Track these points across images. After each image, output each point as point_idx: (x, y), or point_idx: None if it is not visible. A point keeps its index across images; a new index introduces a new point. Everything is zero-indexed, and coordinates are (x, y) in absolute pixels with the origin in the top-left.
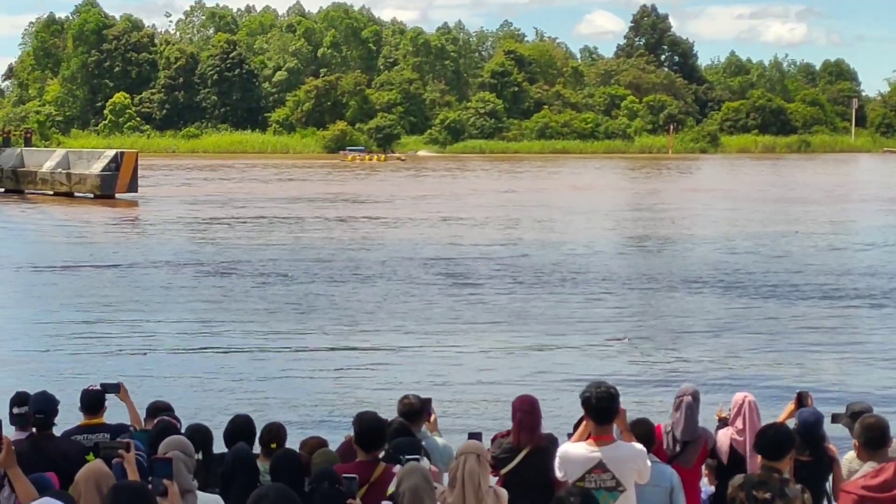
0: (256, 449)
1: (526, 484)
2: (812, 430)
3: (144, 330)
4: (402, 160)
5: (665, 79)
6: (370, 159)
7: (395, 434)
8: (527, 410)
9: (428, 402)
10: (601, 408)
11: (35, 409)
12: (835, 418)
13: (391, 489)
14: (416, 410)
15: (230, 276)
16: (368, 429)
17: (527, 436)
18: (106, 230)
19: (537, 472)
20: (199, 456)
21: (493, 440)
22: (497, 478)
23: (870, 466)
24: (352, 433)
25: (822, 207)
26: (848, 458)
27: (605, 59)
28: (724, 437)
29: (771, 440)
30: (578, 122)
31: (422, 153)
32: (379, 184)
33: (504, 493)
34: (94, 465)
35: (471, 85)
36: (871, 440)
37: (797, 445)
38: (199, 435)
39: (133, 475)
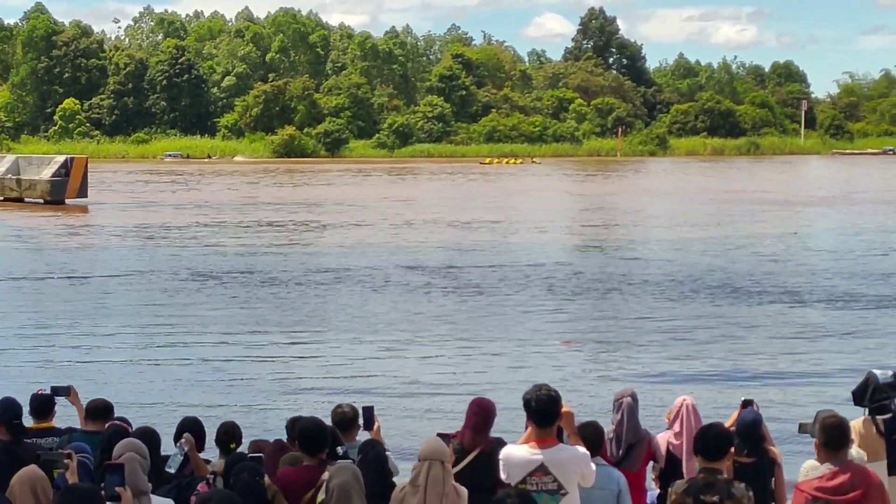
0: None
1: (473, 485)
2: (749, 428)
3: (98, 335)
4: (537, 163)
5: (613, 81)
6: (506, 162)
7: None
8: (480, 414)
9: (370, 409)
10: (542, 410)
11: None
12: (802, 428)
13: (320, 496)
14: (349, 419)
15: (186, 281)
16: (309, 432)
17: (478, 437)
18: (56, 237)
19: (484, 475)
20: (147, 459)
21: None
22: None
23: (827, 468)
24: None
25: (790, 209)
26: (806, 467)
27: (553, 63)
28: (661, 441)
29: (712, 440)
30: (526, 126)
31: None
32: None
33: (464, 490)
34: (30, 469)
35: (419, 89)
36: (831, 440)
37: (735, 446)
38: (147, 437)
39: (74, 480)
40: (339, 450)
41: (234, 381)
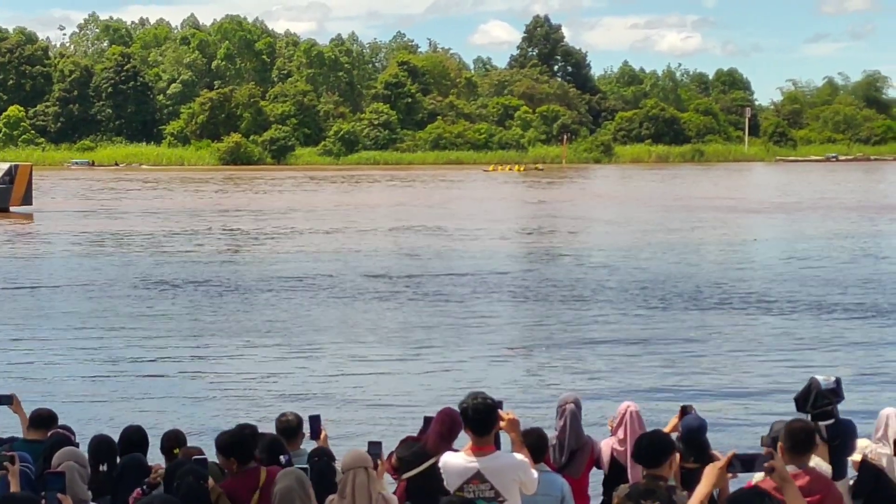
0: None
1: (427, 491)
2: (695, 434)
3: (44, 343)
4: (539, 169)
5: (558, 89)
6: (509, 169)
7: (267, 448)
8: (447, 423)
9: (316, 418)
10: (478, 419)
11: None
12: (763, 441)
13: None
14: (294, 427)
15: (136, 290)
16: (233, 442)
17: (442, 445)
18: (1, 245)
19: (439, 482)
20: (104, 468)
21: (402, 441)
22: (398, 482)
23: (789, 469)
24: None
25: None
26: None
27: (498, 70)
28: (605, 447)
29: (647, 447)
30: (472, 133)
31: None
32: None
33: (394, 498)
34: None
35: (364, 96)
36: (796, 444)
37: (681, 452)
38: (105, 446)
39: (15, 488)
40: (282, 458)
41: (182, 390)
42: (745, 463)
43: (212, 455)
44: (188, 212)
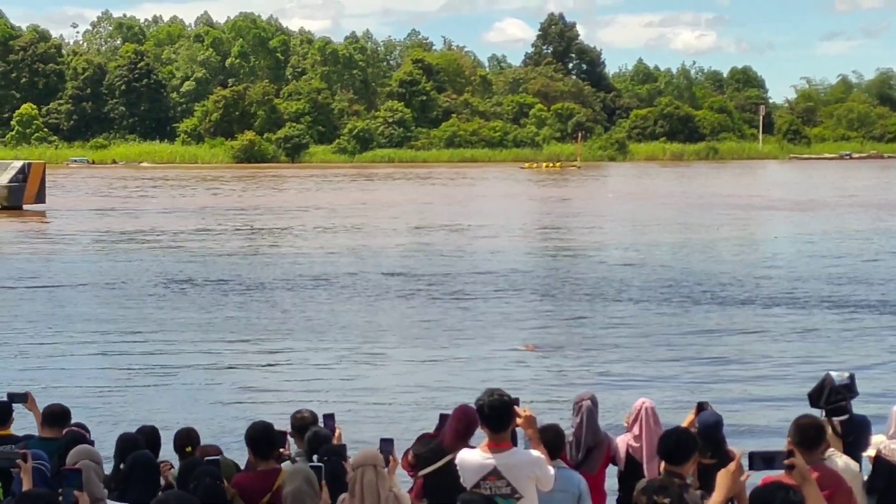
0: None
1: (444, 488)
2: (712, 430)
3: (63, 346)
4: (578, 168)
5: (573, 87)
6: (548, 167)
7: (311, 441)
8: (463, 420)
9: (331, 417)
10: (494, 416)
11: None
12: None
13: None
14: (308, 424)
15: (152, 288)
16: (258, 437)
17: (459, 443)
18: (15, 243)
19: (456, 479)
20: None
21: (419, 438)
22: (415, 479)
23: None
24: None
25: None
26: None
27: (513, 68)
28: (621, 444)
29: (674, 444)
30: (487, 131)
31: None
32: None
33: (405, 496)
34: None
35: (379, 94)
36: (805, 440)
37: (700, 448)
38: (131, 444)
39: (28, 485)
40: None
41: (202, 388)
42: (765, 460)
43: (228, 454)
44: (204, 210)
